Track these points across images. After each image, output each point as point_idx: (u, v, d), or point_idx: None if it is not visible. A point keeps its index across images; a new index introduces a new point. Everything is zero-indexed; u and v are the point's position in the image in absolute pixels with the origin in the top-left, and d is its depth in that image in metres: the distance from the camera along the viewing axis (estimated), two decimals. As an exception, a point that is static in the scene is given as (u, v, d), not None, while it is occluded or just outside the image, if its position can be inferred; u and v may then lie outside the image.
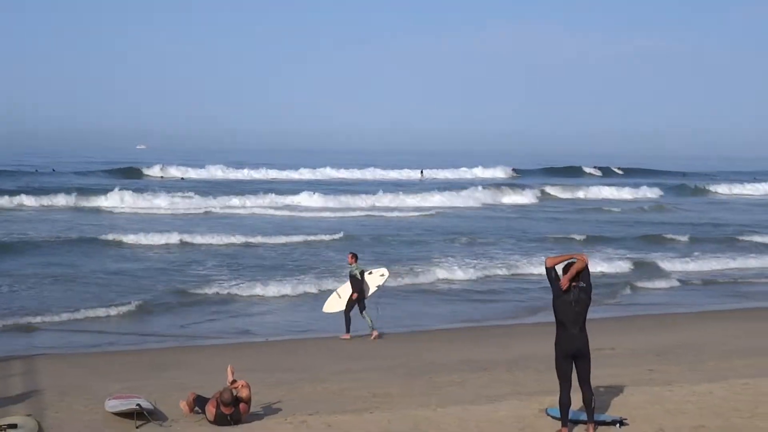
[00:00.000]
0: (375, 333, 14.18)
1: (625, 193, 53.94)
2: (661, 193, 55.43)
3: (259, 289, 18.45)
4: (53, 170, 62.62)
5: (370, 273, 14.85)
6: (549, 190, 53.56)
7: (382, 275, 14.99)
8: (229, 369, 9.52)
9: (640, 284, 20.33)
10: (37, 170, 62.14)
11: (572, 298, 7.89)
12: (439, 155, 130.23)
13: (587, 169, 79.19)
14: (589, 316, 7.88)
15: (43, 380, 11.26)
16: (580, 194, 53.29)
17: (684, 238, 28.99)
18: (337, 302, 14.77)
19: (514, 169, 73.87)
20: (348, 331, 14.18)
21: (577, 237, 28.78)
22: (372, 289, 14.59)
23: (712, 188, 62.47)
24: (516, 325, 16.42)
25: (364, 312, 14.24)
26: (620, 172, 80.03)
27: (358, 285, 14.18)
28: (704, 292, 20.26)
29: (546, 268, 8.11)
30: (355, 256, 14.63)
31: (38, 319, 15.17)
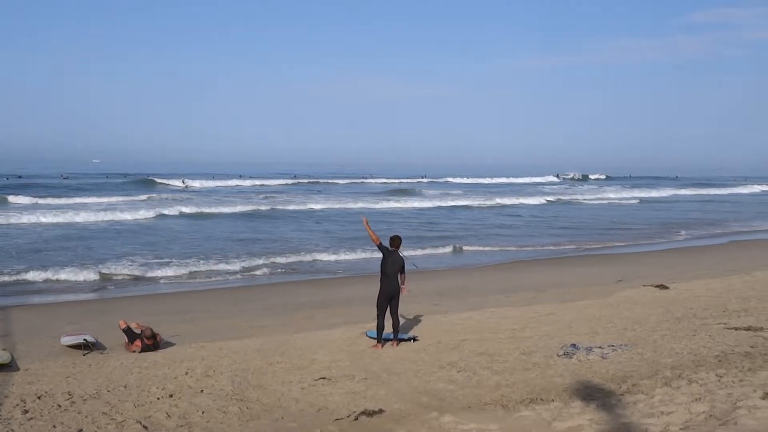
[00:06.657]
0: None
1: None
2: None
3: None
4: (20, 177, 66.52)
5: None
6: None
7: None
8: (122, 323, 11.64)
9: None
10: (7, 178, 65.40)
11: (394, 259, 10.63)
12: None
13: None
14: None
15: (14, 324, 13.20)
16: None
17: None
18: None
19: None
20: None
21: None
22: None
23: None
24: (349, 276, 20.24)
25: None
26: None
27: None
28: (471, 257, 25.17)
29: (377, 245, 10.72)
30: None
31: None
